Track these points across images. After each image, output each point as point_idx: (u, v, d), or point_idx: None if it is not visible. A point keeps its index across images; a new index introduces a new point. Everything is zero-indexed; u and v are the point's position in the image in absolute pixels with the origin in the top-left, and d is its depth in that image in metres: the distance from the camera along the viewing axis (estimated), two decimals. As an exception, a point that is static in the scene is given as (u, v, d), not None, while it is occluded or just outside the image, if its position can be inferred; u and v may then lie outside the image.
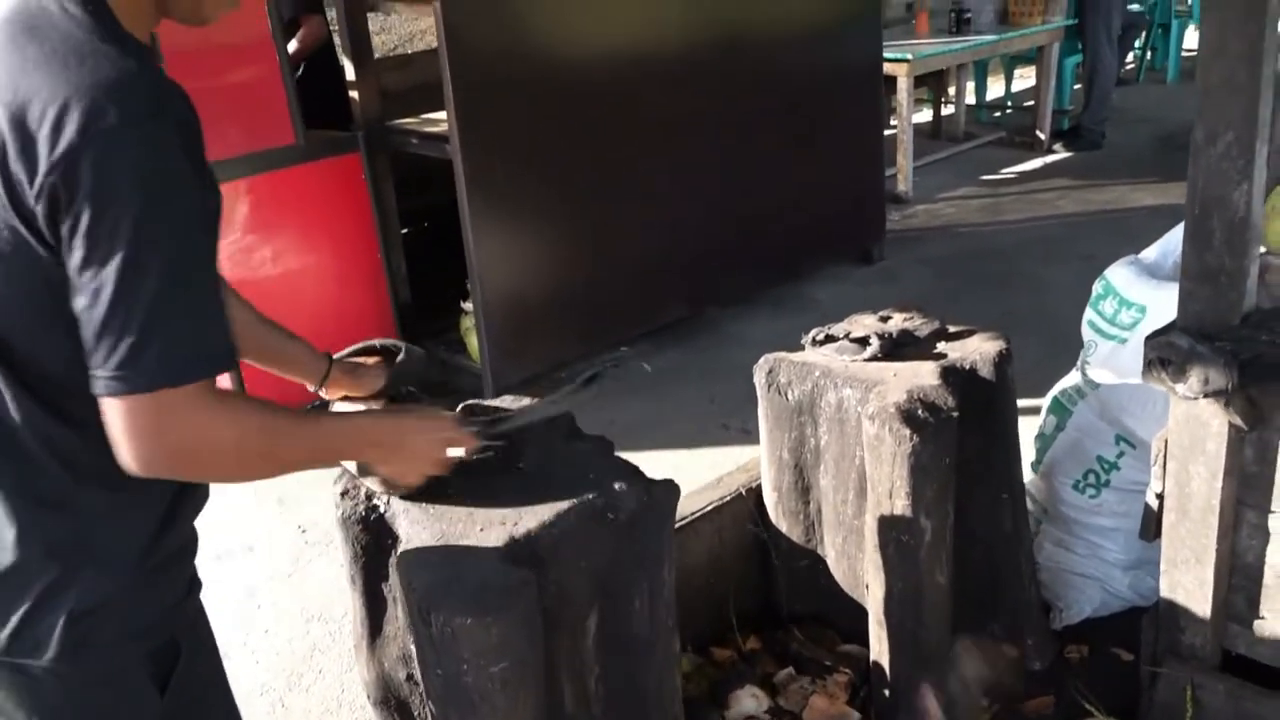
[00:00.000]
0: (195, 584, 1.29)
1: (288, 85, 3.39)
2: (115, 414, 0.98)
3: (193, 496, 1.22)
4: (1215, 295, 1.68)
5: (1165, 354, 1.62)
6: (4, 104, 0.96)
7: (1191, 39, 8.10)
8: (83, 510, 1.10)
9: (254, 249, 3.47)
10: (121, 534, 1.12)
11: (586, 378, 1.57)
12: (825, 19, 4.33)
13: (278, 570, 2.88)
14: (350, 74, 3.67)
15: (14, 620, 1.08)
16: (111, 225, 0.93)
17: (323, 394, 1.55)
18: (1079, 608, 2.39)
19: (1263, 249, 1.89)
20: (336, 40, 3.94)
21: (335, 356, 1.55)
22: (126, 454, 1.00)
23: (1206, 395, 1.58)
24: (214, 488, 1.30)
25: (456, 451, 1.37)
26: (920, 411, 1.89)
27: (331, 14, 4.05)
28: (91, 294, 0.95)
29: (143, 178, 0.94)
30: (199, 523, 1.31)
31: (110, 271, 0.93)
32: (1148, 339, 1.70)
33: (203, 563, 3.18)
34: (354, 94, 3.66)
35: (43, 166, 0.93)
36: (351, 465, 1.43)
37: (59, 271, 0.97)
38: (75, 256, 0.95)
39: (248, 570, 2.90)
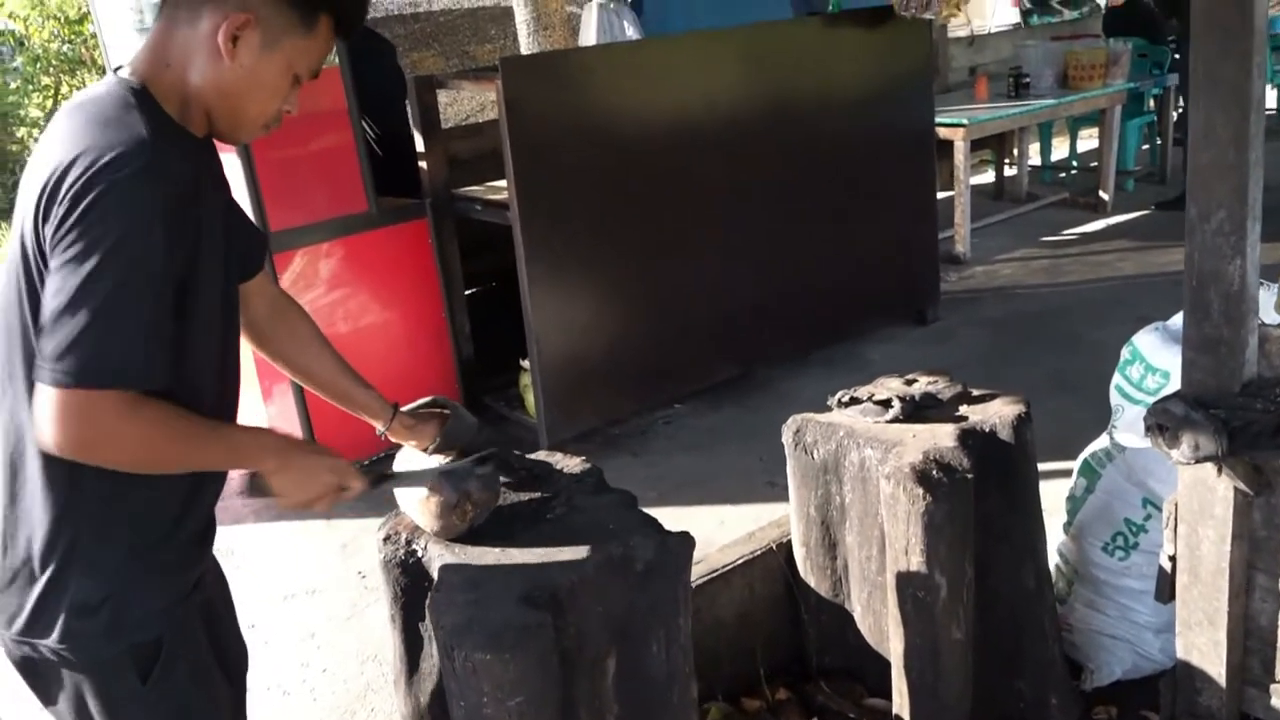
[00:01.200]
0: (195, 592, 1.46)
1: (361, 156, 3.64)
2: (43, 399, 1.19)
3: (187, 521, 1.41)
4: (1216, 364, 1.75)
5: (1162, 420, 1.69)
6: (51, 157, 1.23)
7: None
8: (79, 519, 1.32)
9: (330, 307, 3.70)
10: (112, 545, 1.34)
11: (481, 456, 1.67)
12: (877, 87, 4.46)
13: (337, 613, 3.04)
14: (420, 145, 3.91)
15: (29, 605, 1.32)
16: (84, 250, 1.17)
17: (390, 438, 1.72)
18: (1109, 669, 2.42)
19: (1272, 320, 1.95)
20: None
21: (403, 409, 1.72)
22: (46, 435, 1.20)
23: (1198, 461, 1.65)
24: (280, 536, 1.46)
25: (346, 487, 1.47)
26: (935, 472, 1.98)
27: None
28: (54, 293, 1.18)
29: (119, 222, 1.18)
30: (266, 559, 1.48)
31: (71, 283, 1.17)
32: (1150, 406, 1.77)
33: (269, 604, 3.37)
34: (423, 164, 3.89)
35: (59, 197, 1.19)
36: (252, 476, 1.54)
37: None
38: (53, 265, 1.19)
39: (310, 612, 3.07)
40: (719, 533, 3.06)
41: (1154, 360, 2.37)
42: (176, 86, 1.32)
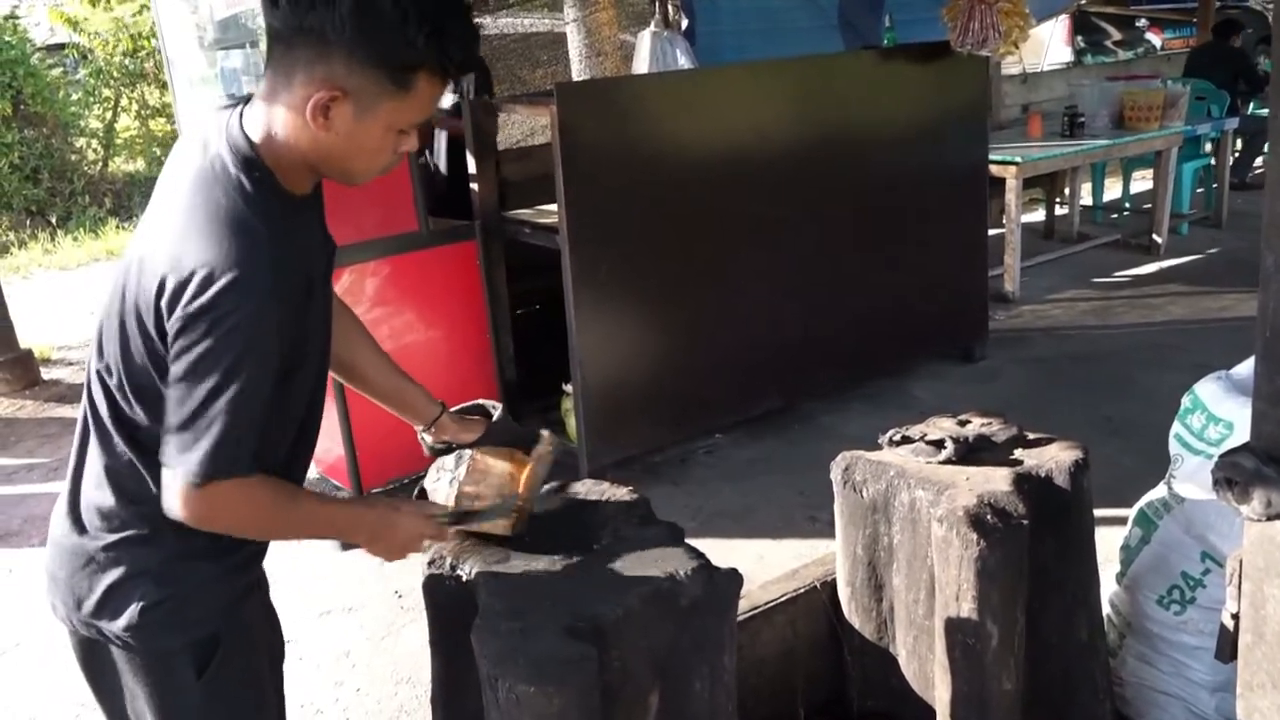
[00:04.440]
0: (253, 590, 1.53)
1: (414, 178, 3.66)
2: (170, 482, 1.31)
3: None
4: (1288, 417, 1.69)
5: (1231, 474, 1.63)
6: (170, 252, 1.28)
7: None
8: (167, 523, 1.36)
9: (376, 323, 3.72)
10: (189, 547, 1.40)
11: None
12: (931, 122, 4.42)
13: (374, 632, 3.03)
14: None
15: (100, 590, 1.39)
16: (207, 366, 1.26)
17: (427, 438, 1.76)
18: (1162, 727, 2.34)
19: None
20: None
21: (452, 409, 1.77)
22: (174, 512, 1.32)
23: (1270, 517, 1.59)
24: (319, 552, 1.47)
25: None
26: (989, 516, 1.93)
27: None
28: (178, 401, 1.28)
29: (238, 342, 1.25)
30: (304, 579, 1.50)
31: (194, 394, 1.26)
32: (1218, 458, 1.72)
33: (306, 620, 3.38)
34: (474, 186, 3.91)
35: (180, 308, 1.26)
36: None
37: (165, 370, 1.31)
38: (175, 372, 1.28)
39: (347, 630, 3.06)
40: (759, 567, 3.02)
41: (1216, 410, 2.30)
42: (282, 150, 1.34)
